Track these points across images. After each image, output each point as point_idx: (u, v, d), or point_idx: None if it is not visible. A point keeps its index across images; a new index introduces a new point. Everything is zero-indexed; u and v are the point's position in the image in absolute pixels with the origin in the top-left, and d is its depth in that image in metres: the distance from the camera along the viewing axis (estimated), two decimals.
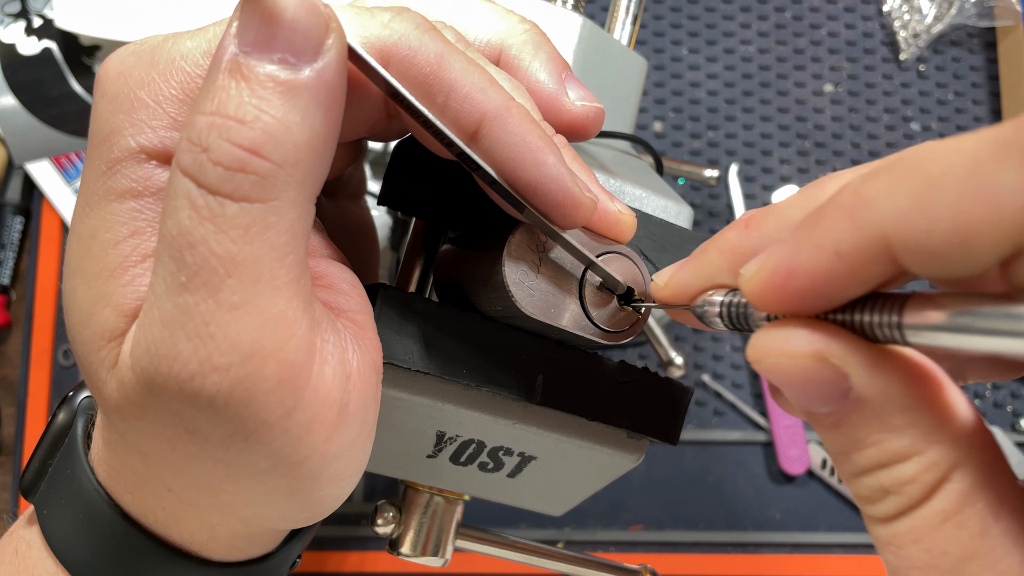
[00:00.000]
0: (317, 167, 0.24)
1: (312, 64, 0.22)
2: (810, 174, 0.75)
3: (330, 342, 0.25)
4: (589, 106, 0.31)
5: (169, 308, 0.23)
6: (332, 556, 0.69)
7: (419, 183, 0.31)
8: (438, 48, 0.26)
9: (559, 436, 0.34)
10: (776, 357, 0.22)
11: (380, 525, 0.39)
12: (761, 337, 0.22)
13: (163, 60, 0.26)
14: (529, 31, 0.31)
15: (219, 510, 0.28)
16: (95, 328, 0.25)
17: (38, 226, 0.73)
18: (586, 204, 0.27)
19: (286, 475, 0.26)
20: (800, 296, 0.21)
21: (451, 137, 0.26)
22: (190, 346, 0.23)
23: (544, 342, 0.31)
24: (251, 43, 0.22)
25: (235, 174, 0.22)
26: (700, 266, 0.26)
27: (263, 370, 0.23)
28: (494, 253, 0.29)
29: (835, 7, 0.78)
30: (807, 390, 0.22)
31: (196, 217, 0.22)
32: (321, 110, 0.23)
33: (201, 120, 0.22)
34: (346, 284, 0.28)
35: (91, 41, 0.74)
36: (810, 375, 0.21)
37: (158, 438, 0.25)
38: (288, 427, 0.24)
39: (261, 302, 0.23)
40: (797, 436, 0.70)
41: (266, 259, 0.23)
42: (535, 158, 0.26)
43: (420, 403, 0.31)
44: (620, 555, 0.69)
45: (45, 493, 0.32)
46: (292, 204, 0.23)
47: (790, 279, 0.21)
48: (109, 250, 0.25)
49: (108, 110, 0.26)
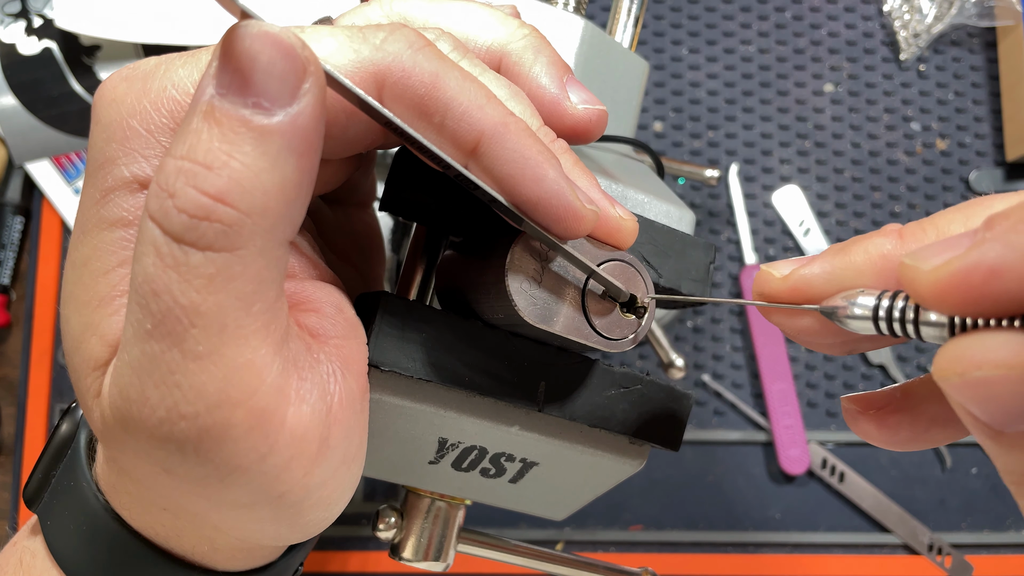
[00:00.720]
0: (289, 214, 0.23)
1: (287, 109, 0.22)
2: (810, 174, 0.75)
3: (308, 380, 0.25)
4: (592, 108, 0.31)
5: (136, 354, 0.23)
6: (334, 556, 0.69)
7: (420, 190, 0.31)
8: (432, 67, 0.26)
9: (561, 442, 0.34)
10: (989, 369, 0.19)
11: (382, 530, 0.39)
12: (966, 346, 0.20)
13: (155, 89, 0.25)
14: (529, 36, 0.31)
15: (213, 529, 0.29)
16: (83, 356, 0.25)
17: (38, 226, 0.73)
18: (587, 216, 0.27)
19: (268, 506, 0.26)
20: (996, 300, 0.19)
21: (448, 161, 0.26)
22: (157, 393, 0.23)
23: (546, 349, 0.31)
24: (227, 85, 0.22)
25: (200, 222, 0.21)
26: (838, 267, 0.25)
27: (231, 418, 0.23)
28: (497, 261, 0.29)
29: (835, 7, 0.78)
30: (1014, 406, 0.19)
31: (160, 265, 0.22)
32: (294, 156, 0.22)
33: (171, 164, 0.22)
34: (332, 308, 0.28)
35: (91, 41, 0.73)
36: (1022, 388, 0.19)
37: (140, 470, 0.25)
38: (264, 469, 0.24)
39: (227, 352, 0.22)
40: (797, 436, 0.70)
41: (231, 309, 0.22)
42: (534, 173, 0.26)
43: (422, 410, 0.31)
44: (620, 555, 0.70)
45: (48, 504, 0.32)
46: (259, 253, 0.22)
47: (992, 280, 0.19)
48: (99, 279, 0.25)
49: (102, 138, 0.26)
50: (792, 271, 0.25)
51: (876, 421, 0.27)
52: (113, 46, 0.74)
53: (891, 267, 0.24)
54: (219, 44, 0.22)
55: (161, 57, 0.26)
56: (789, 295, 0.25)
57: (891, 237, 0.24)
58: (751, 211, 0.75)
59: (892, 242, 0.24)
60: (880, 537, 0.70)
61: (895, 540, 0.70)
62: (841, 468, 0.70)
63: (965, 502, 0.71)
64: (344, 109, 0.26)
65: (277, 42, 0.21)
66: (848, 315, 0.23)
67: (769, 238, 0.74)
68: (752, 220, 0.74)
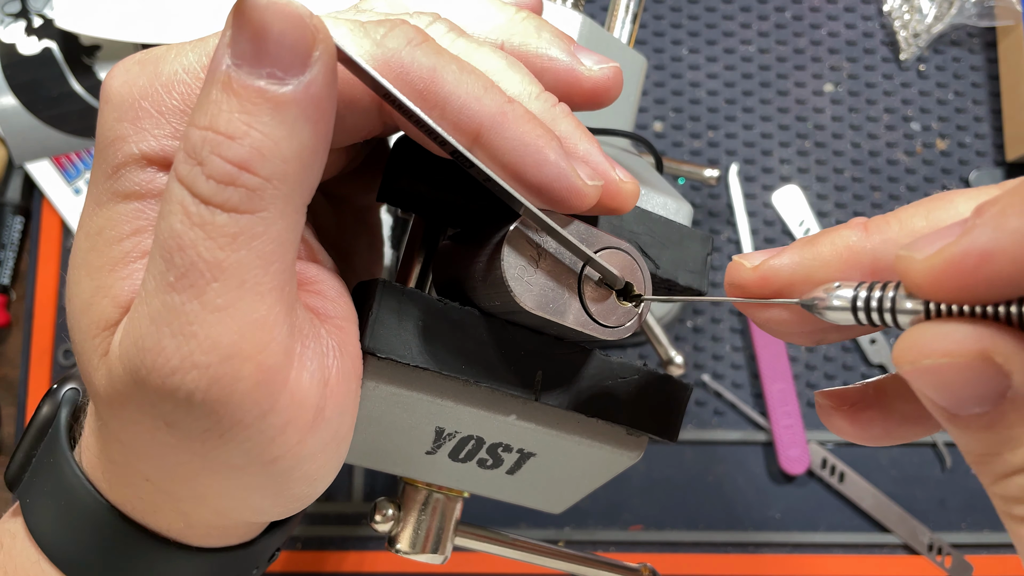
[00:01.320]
0: (306, 179, 0.24)
1: (299, 77, 0.23)
2: (810, 174, 0.75)
3: (310, 348, 0.26)
4: (607, 67, 0.31)
5: (157, 305, 0.24)
6: (331, 556, 0.69)
7: (418, 179, 0.31)
8: (430, 62, 0.27)
9: (558, 432, 0.34)
10: (937, 357, 0.20)
11: (379, 522, 0.39)
12: (917, 336, 0.21)
13: (166, 72, 0.27)
14: (527, 18, 0.32)
15: (194, 500, 0.29)
16: (92, 317, 0.26)
17: (38, 226, 0.73)
18: (590, 193, 0.28)
19: (259, 472, 0.27)
20: (989, 284, 0.19)
21: (444, 136, 0.26)
22: (173, 343, 0.24)
23: (543, 338, 0.31)
24: (242, 56, 0.23)
25: (225, 187, 0.23)
26: (806, 257, 0.26)
27: (241, 371, 0.24)
28: (493, 248, 0.29)
29: (835, 7, 0.78)
30: (964, 391, 0.20)
31: (188, 223, 0.23)
32: (309, 123, 0.24)
33: (195, 134, 0.23)
34: (334, 291, 0.29)
35: (91, 41, 0.74)
36: (971, 375, 0.20)
37: (138, 427, 0.26)
38: (263, 428, 0.25)
39: (243, 306, 0.24)
40: (797, 436, 0.70)
41: (251, 266, 0.24)
42: (535, 159, 0.27)
43: (419, 399, 0.31)
44: (620, 555, 0.69)
45: (28, 483, 0.33)
46: (280, 214, 0.24)
47: (984, 264, 0.19)
48: (113, 245, 0.26)
49: (113, 117, 0.27)
50: (762, 261, 0.26)
51: (849, 417, 0.28)
52: (113, 46, 0.74)
53: (856, 258, 0.25)
54: (231, 14, 0.23)
55: (171, 44, 0.28)
56: (759, 284, 0.26)
57: (856, 229, 0.25)
58: (751, 211, 0.75)
59: (857, 234, 0.25)
60: (880, 537, 0.70)
61: (895, 540, 0.70)
62: (841, 468, 0.70)
63: (965, 502, 0.71)
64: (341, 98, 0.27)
65: (287, 12, 0.23)
66: (827, 306, 0.24)
67: (769, 238, 0.74)
68: (752, 220, 0.74)
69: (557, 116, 0.29)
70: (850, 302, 0.23)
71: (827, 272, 0.25)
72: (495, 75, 0.29)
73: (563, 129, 0.29)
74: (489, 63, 0.29)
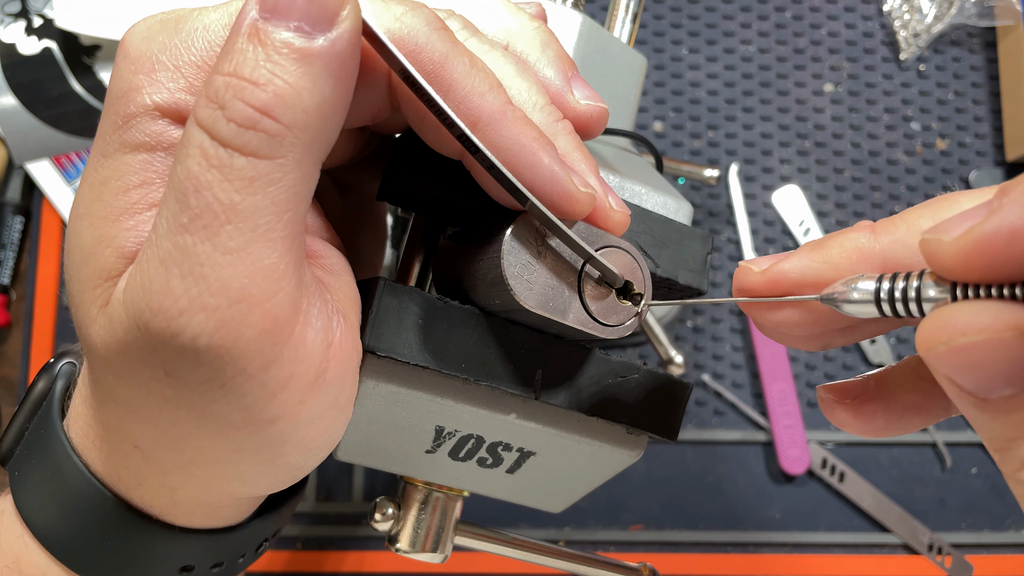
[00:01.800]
0: (324, 132, 0.25)
1: (326, 34, 0.24)
2: (810, 174, 0.75)
3: (316, 307, 0.26)
4: (593, 105, 0.31)
5: (168, 246, 0.24)
6: (331, 556, 0.69)
7: (418, 178, 0.31)
8: (444, 48, 0.27)
9: (558, 431, 0.34)
10: (973, 335, 0.20)
11: (379, 521, 0.39)
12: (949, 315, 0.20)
13: (187, 29, 0.27)
14: (538, 29, 0.32)
15: (182, 469, 0.29)
16: (94, 267, 0.26)
17: (38, 226, 0.73)
18: (583, 199, 0.28)
19: (255, 433, 0.27)
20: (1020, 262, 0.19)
21: (452, 117, 0.26)
22: (183, 284, 0.24)
23: (543, 337, 0.31)
24: (270, 9, 0.23)
25: (246, 131, 0.23)
26: (815, 260, 0.26)
27: (248, 316, 0.24)
28: (493, 247, 0.29)
29: (835, 7, 0.78)
30: (995, 370, 0.20)
31: (205, 164, 0.23)
32: (332, 79, 0.24)
33: (219, 80, 0.24)
34: (340, 266, 0.29)
35: (91, 41, 0.74)
36: (1006, 353, 0.20)
37: (136, 380, 0.26)
38: (265, 380, 0.25)
39: (255, 250, 0.24)
40: (797, 436, 0.70)
41: (265, 211, 0.24)
42: (528, 161, 0.27)
43: (418, 397, 0.31)
44: (620, 555, 0.69)
45: (19, 457, 0.33)
46: (297, 164, 0.24)
47: (1015, 240, 0.19)
48: (119, 196, 0.26)
49: (129, 70, 0.27)
50: (770, 266, 0.27)
51: (852, 410, 0.28)
52: (113, 46, 0.74)
53: (866, 259, 0.25)
54: None
55: (194, 7, 0.28)
56: (767, 288, 0.27)
57: (864, 232, 0.25)
58: (751, 211, 0.75)
59: (866, 236, 0.25)
60: (880, 537, 0.70)
61: (895, 540, 0.70)
62: (841, 468, 0.70)
63: (965, 502, 0.71)
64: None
65: None
66: (847, 299, 0.24)
67: (769, 238, 0.74)
68: (752, 220, 0.74)
69: (558, 131, 0.29)
70: (873, 294, 0.23)
71: (838, 274, 0.25)
72: (504, 79, 0.29)
73: (562, 145, 0.29)
74: (500, 66, 0.29)
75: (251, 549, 0.35)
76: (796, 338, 0.27)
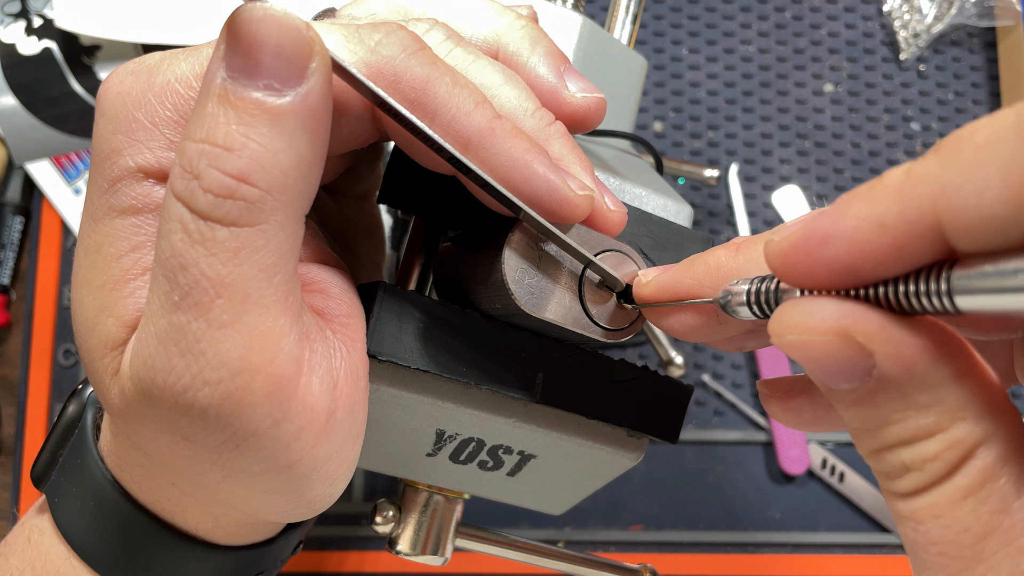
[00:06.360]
0: (304, 189, 0.24)
1: (296, 89, 0.23)
2: (810, 174, 0.75)
3: (318, 352, 0.26)
4: (590, 97, 0.31)
5: (163, 325, 0.24)
6: (332, 556, 0.69)
7: (418, 181, 0.31)
8: (424, 72, 0.26)
9: (559, 434, 0.34)
10: (798, 334, 0.21)
11: (379, 524, 0.39)
12: (783, 312, 0.21)
13: (159, 82, 0.26)
14: (526, 27, 0.31)
15: (220, 504, 0.30)
16: (99, 337, 0.26)
17: (38, 226, 0.73)
18: (581, 204, 0.28)
19: (278, 477, 0.27)
20: (829, 266, 0.20)
21: (439, 142, 0.26)
22: (183, 362, 0.24)
23: (544, 340, 0.31)
24: (238, 69, 0.23)
25: (224, 200, 0.23)
26: (684, 275, 0.27)
27: (251, 384, 0.24)
28: (493, 251, 0.29)
29: (835, 7, 0.78)
30: (829, 368, 0.21)
31: (188, 240, 0.23)
32: (307, 134, 0.23)
33: (192, 147, 0.23)
34: (338, 289, 0.29)
35: (91, 41, 0.74)
36: (833, 353, 0.20)
37: (157, 442, 0.26)
38: (277, 436, 0.25)
39: (249, 320, 0.24)
40: (797, 436, 0.70)
41: (254, 279, 0.24)
42: (523, 174, 0.27)
43: (419, 401, 0.31)
44: (620, 555, 0.69)
45: (56, 482, 0.33)
46: (280, 227, 0.24)
47: (824, 246, 0.20)
48: (112, 263, 0.26)
49: (108, 130, 0.27)
50: (654, 277, 0.28)
51: (781, 404, 0.29)
52: (113, 46, 0.74)
53: (723, 275, 0.26)
54: (225, 28, 0.23)
55: (164, 52, 0.27)
56: (655, 296, 0.28)
57: (729, 250, 0.26)
58: (751, 211, 0.75)
59: (728, 254, 0.26)
60: (880, 537, 0.70)
61: (895, 540, 0.70)
62: (841, 468, 0.70)
63: None
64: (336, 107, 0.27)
65: (283, 24, 0.22)
66: (726, 302, 0.25)
67: None
68: (752, 220, 0.74)
69: (551, 135, 0.29)
70: (745, 295, 0.24)
71: (699, 289, 0.27)
72: (491, 89, 0.29)
73: (556, 150, 0.29)
74: (486, 76, 0.29)
75: (288, 553, 0.36)
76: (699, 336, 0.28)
